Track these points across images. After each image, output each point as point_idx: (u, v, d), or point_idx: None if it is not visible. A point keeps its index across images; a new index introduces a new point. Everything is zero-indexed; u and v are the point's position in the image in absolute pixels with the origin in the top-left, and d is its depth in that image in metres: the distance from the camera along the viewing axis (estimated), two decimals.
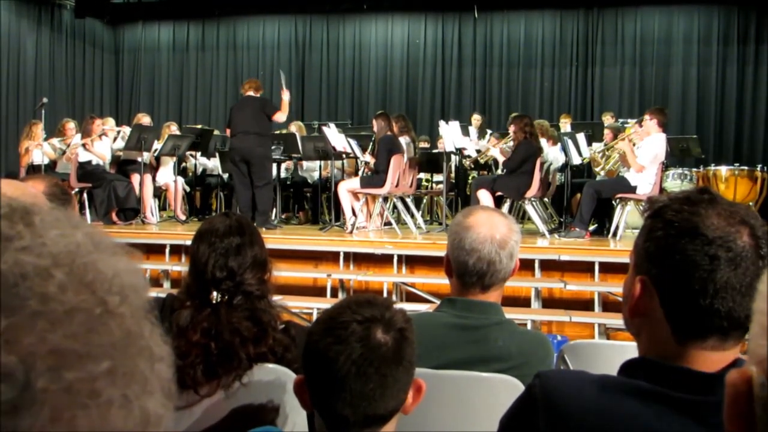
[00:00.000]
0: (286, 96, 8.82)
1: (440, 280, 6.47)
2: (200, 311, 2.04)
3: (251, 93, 8.72)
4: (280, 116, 8.81)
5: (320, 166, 10.13)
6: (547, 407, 1.15)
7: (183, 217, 9.82)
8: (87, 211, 9.20)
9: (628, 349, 1.25)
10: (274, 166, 9.31)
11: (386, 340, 1.34)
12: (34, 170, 9.44)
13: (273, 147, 9.04)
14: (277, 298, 6.10)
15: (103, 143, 9.45)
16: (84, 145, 9.19)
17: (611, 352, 2.48)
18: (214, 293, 2.07)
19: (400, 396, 1.38)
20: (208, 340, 2.00)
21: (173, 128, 10.48)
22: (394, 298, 6.95)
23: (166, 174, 9.93)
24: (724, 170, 9.19)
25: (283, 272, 7.25)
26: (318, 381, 1.36)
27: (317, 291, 7.26)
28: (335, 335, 1.33)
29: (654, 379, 1.09)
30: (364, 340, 1.33)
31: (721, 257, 1.09)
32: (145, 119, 10.03)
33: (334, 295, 7.07)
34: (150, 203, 9.56)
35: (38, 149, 9.54)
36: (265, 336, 2.06)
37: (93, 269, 0.47)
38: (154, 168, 9.94)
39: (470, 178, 10.38)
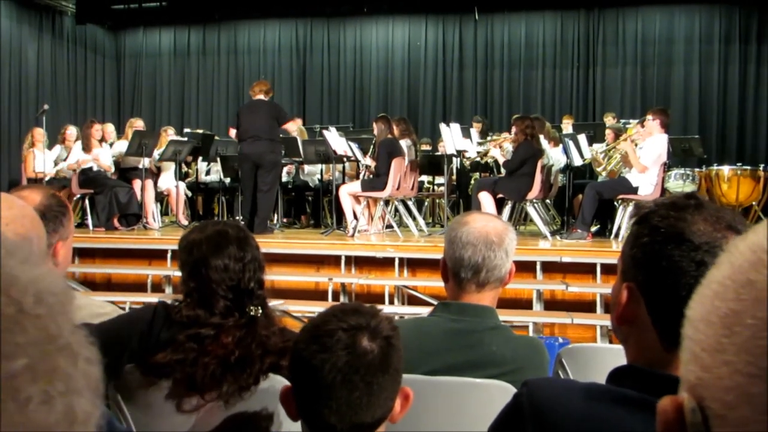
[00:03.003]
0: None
1: (442, 283, 6.44)
2: (234, 322, 2.04)
3: (261, 96, 8.68)
4: (291, 126, 8.86)
5: (321, 170, 10.13)
6: (534, 416, 1.14)
7: (185, 222, 9.81)
8: (89, 217, 9.21)
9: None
10: (280, 171, 9.32)
11: (372, 348, 1.33)
12: (36, 177, 9.44)
13: None
14: (278, 303, 6.05)
15: (104, 150, 9.45)
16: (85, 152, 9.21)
17: (609, 355, 2.46)
18: (251, 306, 2.08)
19: (387, 404, 1.37)
20: (234, 348, 2.00)
21: (170, 132, 10.47)
22: (396, 301, 6.95)
23: (168, 179, 9.93)
24: (726, 170, 9.15)
25: (285, 276, 7.27)
26: (304, 390, 1.35)
27: (319, 295, 7.25)
28: (321, 343, 1.33)
29: (641, 387, 1.08)
30: (349, 348, 1.32)
31: (707, 263, 1.08)
32: (138, 123, 10.00)
33: (335, 298, 7.07)
34: (152, 208, 9.56)
35: (39, 155, 9.54)
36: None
37: (6, 274, 0.49)
38: (155, 174, 9.94)
39: (472, 180, 10.38)
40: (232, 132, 8.79)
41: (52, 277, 0.53)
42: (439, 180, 10.52)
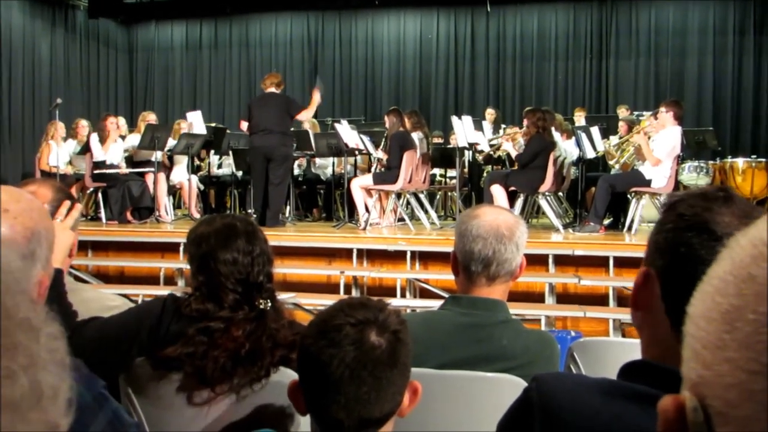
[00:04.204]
0: (317, 96, 8.85)
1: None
2: (243, 315, 2.04)
3: (273, 89, 8.66)
4: (305, 114, 8.83)
5: (333, 163, 10.12)
6: (544, 412, 1.13)
7: (197, 216, 9.83)
8: (102, 210, 9.25)
9: (639, 347, 1.23)
10: (292, 164, 9.31)
11: (380, 343, 1.32)
12: (49, 171, 9.49)
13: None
14: (289, 296, 6.05)
15: (117, 145, 9.48)
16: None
17: (622, 349, 2.45)
18: (260, 300, 2.07)
19: (396, 399, 1.36)
20: (245, 341, 2.00)
21: (184, 126, 10.50)
22: (407, 294, 6.94)
23: (180, 172, 9.95)
24: (740, 162, 9.09)
25: (297, 269, 7.27)
26: (312, 385, 1.35)
27: (331, 288, 7.25)
28: (329, 338, 1.32)
29: (653, 383, 1.06)
30: (357, 342, 1.31)
31: None
32: (150, 116, 10.02)
33: (347, 291, 7.06)
34: (164, 202, 9.58)
35: (55, 149, 9.58)
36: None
37: None
38: (167, 167, 9.96)
39: (484, 173, 10.35)
40: (243, 125, 8.77)
41: (8, 257, 0.53)
42: (451, 173, 10.50)
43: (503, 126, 11.14)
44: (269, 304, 2.09)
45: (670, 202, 1.17)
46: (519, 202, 8.13)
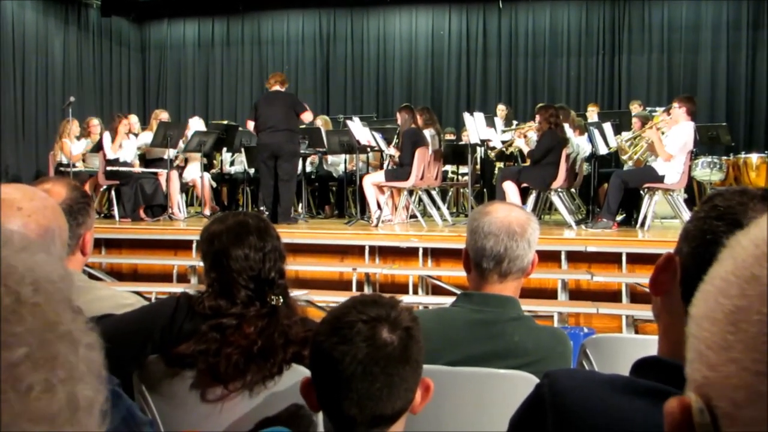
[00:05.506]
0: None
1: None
2: (255, 312, 2.05)
3: (278, 87, 8.69)
4: (308, 116, 8.86)
5: (345, 160, 10.13)
6: (556, 408, 1.13)
7: (208, 213, 9.85)
8: (115, 208, 9.30)
9: (652, 343, 1.22)
10: (299, 160, 9.33)
11: (392, 340, 1.33)
12: (62, 169, 9.55)
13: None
14: (302, 293, 6.04)
15: (130, 142, 9.52)
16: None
17: (634, 346, 2.43)
18: (272, 296, 2.08)
19: (408, 396, 1.36)
20: (257, 338, 2.00)
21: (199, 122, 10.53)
22: (420, 291, 6.95)
23: (194, 170, 9.98)
24: (754, 158, 9.03)
25: (309, 266, 7.29)
26: (324, 381, 1.35)
27: (343, 285, 7.26)
28: (341, 335, 1.32)
29: (665, 379, 1.06)
30: (369, 339, 1.31)
31: None
32: (163, 114, 10.07)
33: (359, 288, 7.07)
34: (177, 199, 9.62)
35: (69, 146, 9.64)
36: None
37: (3, 264, 0.49)
38: (181, 167, 10.00)
39: (496, 169, 10.33)
40: (250, 124, 8.80)
41: (51, 265, 0.53)
42: (463, 169, 10.49)
43: (515, 122, 11.11)
44: (281, 301, 2.09)
45: (710, 194, 1.19)
46: (531, 199, 8.12)
